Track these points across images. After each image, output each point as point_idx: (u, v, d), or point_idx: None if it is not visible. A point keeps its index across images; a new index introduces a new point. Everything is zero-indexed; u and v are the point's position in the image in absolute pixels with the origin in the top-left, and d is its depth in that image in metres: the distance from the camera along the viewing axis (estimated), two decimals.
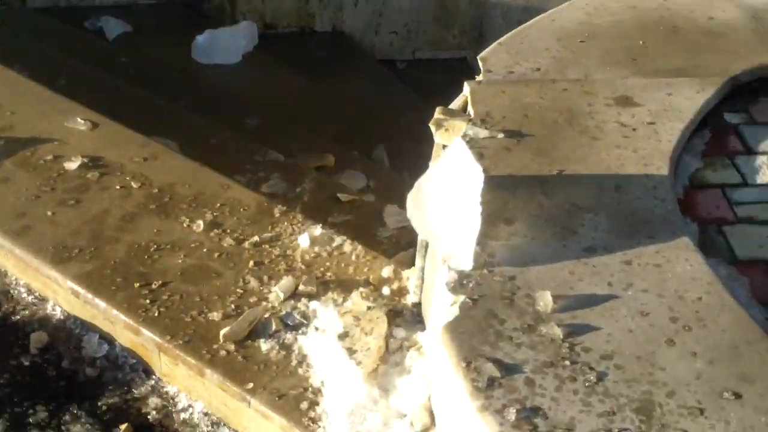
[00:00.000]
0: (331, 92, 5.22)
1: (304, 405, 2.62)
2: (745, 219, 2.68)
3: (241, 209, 3.34)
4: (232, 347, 2.77)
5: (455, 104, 3.17)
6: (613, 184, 2.70)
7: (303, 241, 3.17)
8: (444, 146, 2.92)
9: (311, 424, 2.57)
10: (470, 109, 3.03)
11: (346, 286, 2.99)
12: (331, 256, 3.13)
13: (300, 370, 2.72)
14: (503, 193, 2.67)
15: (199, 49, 5.45)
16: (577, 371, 2.17)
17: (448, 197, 2.56)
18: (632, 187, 2.69)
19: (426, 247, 2.76)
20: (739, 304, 2.36)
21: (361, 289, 2.98)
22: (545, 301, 2.32)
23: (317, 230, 3.21)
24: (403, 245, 3.43)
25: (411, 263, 3.33)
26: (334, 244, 3.17)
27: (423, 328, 2.80)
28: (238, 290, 2.97)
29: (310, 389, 2.67)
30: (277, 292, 2.94)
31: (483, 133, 2.86)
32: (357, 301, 2.90)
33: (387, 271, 3.05)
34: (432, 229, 2.56)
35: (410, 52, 5.98)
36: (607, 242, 2.51)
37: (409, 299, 2.92)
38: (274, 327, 2.83)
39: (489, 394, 2.11)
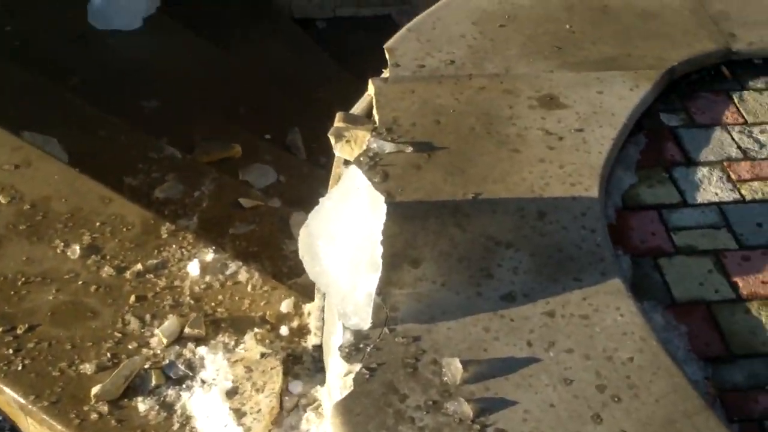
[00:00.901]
0: (242, 62, 4.76)
1: None
2: (685, 249, 2.36)
3: (124, 229, 2.94)
4: (105, 408, 2.41)
5: (359, 107, 2.78)
6: (536, 210, 2.36)
7: (192, 269, 2.79)
8: (345, 161, 2.53)
9: None
10: (375, 114, 2.64)
11: (239, 326, 2.63)
12: (224, 287, 2.76)
13: None
14: (411, 225, 2.31)
15: (95, 12, 4.93)
16: None
17: (343, 235, 2.18)
18: (558, 214, 2.35)
19: None
20: (676, 363, 2.05)
21: (257, 329, 2.62)
22: (453, 370, 1.99)
23: (209, 255, 2.82)
24: None
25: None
26: (228, 272, 2.80)
27: (324, 379, 2.46)
28: (116, 334, 2.60)
29: None
30: (159, 336, 2.57)
31: (389, 146, 2.49)
32: (250, 345, 2.54)
33: (286, 306, 2.69)
34: (325, 275, 2.19)
35: (331, 9, 5.51)
36: (528, 287, 2.17)
37: (310, 341, 2.57)
38: (154, 381, 2.47)
39: None
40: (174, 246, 2.87)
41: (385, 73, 2.84)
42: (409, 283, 2.18)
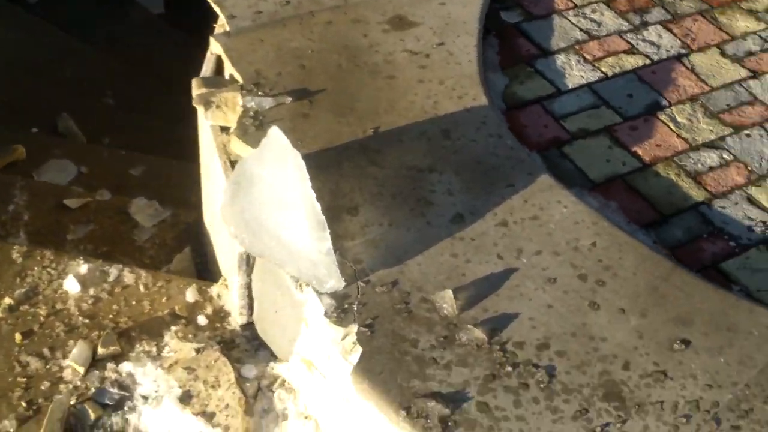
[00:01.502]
0: None
1: None
2: (579, 133, 2.48)
3: None
4: None
5: (207, 69, 2.59)
6: (439, 130, 2.36)
7: (70, 286, 2.49)
8: (223, 128, 2.37)
9: None
10: (231, 71, 2.48)
11: (152, 330, 2.41)
12: (114, 296, 2.50)
13: None
14: (328, 175, 2.23)
15: None
16: (524, 374, 1.87)
17: (277, 201, 2.05)
18: (460, 129, 2.37)
19: (249, 260, 2.25)
20: (629, 235, 2.17)
21: (173, 328, 2.41)
22: (448, 302, 1.97)
23: (82, 267, 2.53)
24: (171, 245, 2.87)
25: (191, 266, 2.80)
26: (111, 278, 2.53)
27: (269, 355, 2.33)
28: (19, 380, 2.27)
29: None
30: (73, 366, 2.29)
31: (267, 101, 2.36)
32: (177, 345, 2.34)
33: (191, 295, 2.50)
34: (267, 245, 2.06)
35: None
36: (470, 205, 2.19)
37: (235, 322, 2.41)
38: (92, 415, 2.20)
39: None
40: (36, 268, 2.54)
41: (219, 29, 2.65)
42: (358, 232, 2.11)
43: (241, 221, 2.09)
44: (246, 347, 2.39)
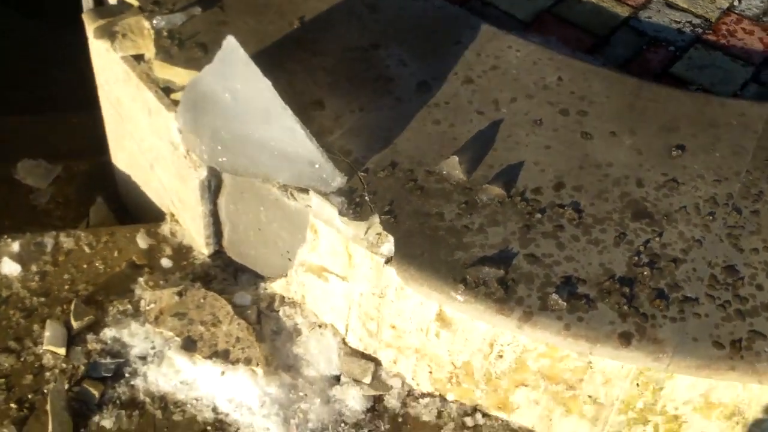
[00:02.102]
0: None
1: None
2: None
3: None
4: None
5: (88, 1, 2.34)
6: (364, 6, 2.28)
7: (8, 268, 2.24)
8: (137, 57, 2.17)
9: None
10: None
11: (119, 289, 2.22)
12: (60, 265, 2.26)
13: (182, 419, 2.02)
14: (275, 75, 2.08)
15: None
16: (554, 217, 1.89)
17: (249, 113, 1.92)
18: (385, 0, 2.27)
19: (211, 186, 2.10)
20: (587, 62, 2.20)
21: (140, 279, 2.23)
22: (455, 166, 1.93)
23: (13, 245, 2.27)
24: (75, 199, 2.65)
25: (106, 213, 2.60)
26: (49, 248, 2.29)
27: (253, 278, 2.21)
28: None
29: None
30: (51, 349, 2.08)
31: (178, 17, 2.19)
32: (153, 296, 2.17)
33: (143, 240, 2.31)
34: (251, 160, 1.94)
35: None
36: (429, 71, 2.15)
37: (201, 254, 2.27)
38: (95, 393, 2.02)
39: (514, 297, 1.75)
40: None
41: None
42: (333, 125, 2.02)
43: (213, 142, 1.93)
44: (224, 276, 2.25)
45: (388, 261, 1.83)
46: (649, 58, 2.23)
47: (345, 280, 1.96)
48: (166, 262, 2.26)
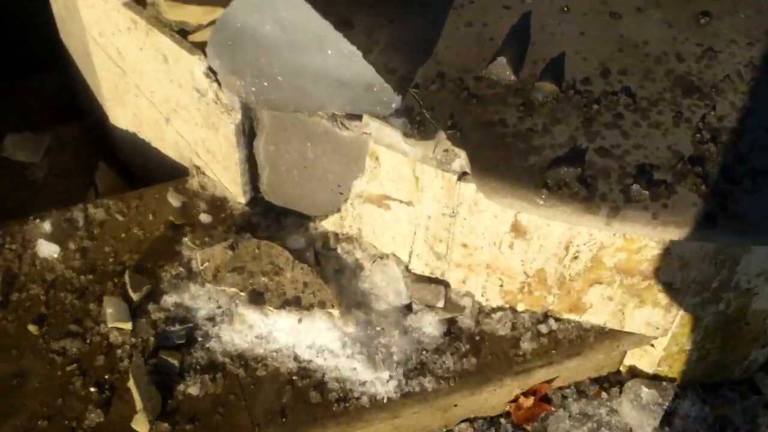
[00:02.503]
0: None
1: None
2: None
3: None
4: (165, 427, 1.89)
5: None
6: None
7: (46, 249, 2.13)
8: (139, 2, 2.04)
9: None
10: None
11: (164, 255, 2.14)
12: (98, 239, 2.17)
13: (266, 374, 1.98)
14: None
15: None
16: (611, 106, 1.87)
17: (294, 44, 1.83)
18: None
19: (246, 130, 2.02)
20: None
21: (185, 240, 2.15)
22: (505, 69, 1.89)
23: (44, 225, 2.16)
24: (75, 167, 2.55)
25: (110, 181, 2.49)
26: (81, 223, 2.19)
27: (299, 219, 2.15)
28: (67, 369, 1.96)
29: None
30: (117, 326, 2.01)
31: None
32: (204, 255, 2.09)
33: (174, 199, 2.23)
34: (301, 92, 1.86)
35: None
36: None
37: (239, 202, 2.20)
38: (174, 362, 1.97)
39: (597, 194, 1.74)
40: None
41: None
42: (370, 43, 1.95)
43: (258, 78, 1.85)
44: (267, 223, 2.19)
45: (461, 177, 1.79)
46: None
47: (410, 205, 1.92)
48: (205, 218, 2.19)
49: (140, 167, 2.44)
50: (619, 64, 1.90)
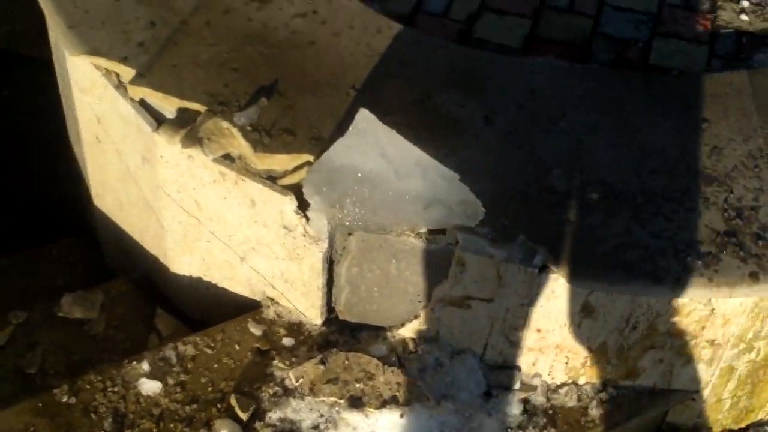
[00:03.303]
0: None
1: None
2: None
3: None
4: None
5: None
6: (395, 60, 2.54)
7: (148, 387, 2.30)
8: (226, 156, 2.31)
9: None
10: (177, 105, 2.38)
11: (258, 376, 2.34)
12: (193, 372, 2.35)
13: None
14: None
15: None
16: (651, 198, 2.24)
17: (389, 173, 2.16)
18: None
19: (330, 258, 2.30)
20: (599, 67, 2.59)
21: (274, 362, 2.37)
22: (560, 179, 2.26)
23: (143, 365, 2.33)
24: (134, 317, 2.72)
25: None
26: (175, 360, 2.37)
27: (371, 333, 2.42)
28: None
29: None
30: None
31: (253, 111, 2.37)
32: (296, 373, 2.31)
33: (255, 328, 2.45)
34: (393, 215, 2.17)
35: None
36: (484, 107, 2.44)
37: (313, 328, 2.44)
38: None
39: (661, 268, 2.13)
40: (97, 396, 2.29)
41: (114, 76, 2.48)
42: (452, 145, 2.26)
43: (356, 210, 2.13)
44: (344, 339, 2.42)
45: (541, 270, 2.11)
46: (629, 57, 2.66)
47: (491, 302, 2.22)
48: (288, 341, 2.41)
49: (201, 308, 2.64)
50: (648, 167, 2.29)
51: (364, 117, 2.10)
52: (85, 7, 2.53)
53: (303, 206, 2.19)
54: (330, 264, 2.30)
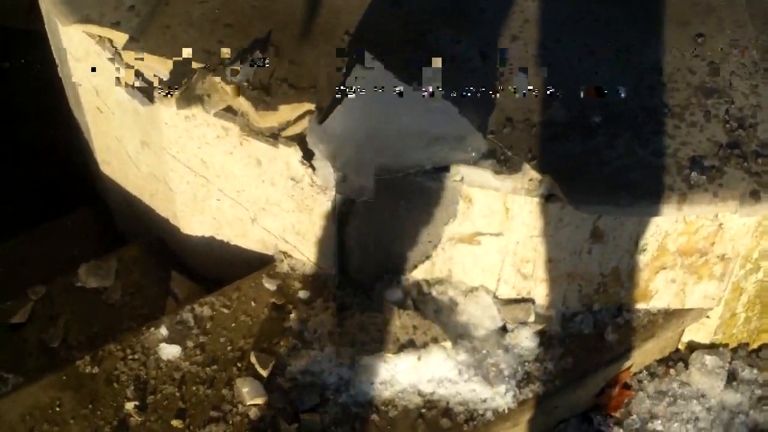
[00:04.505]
0: None
1: None
2: None
3: None
4: None
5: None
6: None
7: (168, 352, 2.33)
8: (228, 109, 2.31)
9: None
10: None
11: (275, 331, 2.36)
12: (212, 332, 2.37)
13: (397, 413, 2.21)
14: None
15: None
16: (652, 116, 2.24)
17: (394, 112, 2.17)
18: None
19: (338, 210, 2.31)
20: None
21: (290, 316, 2.39)
22: (559, 109, 2.25)
23: (161, 330, 2.36)
24: (149, 281, 2.74)
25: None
26: (192, 322, 2.39)
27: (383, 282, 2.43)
28: None
29: None
30: (255, 403, 2.22)
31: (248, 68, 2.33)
32: (315, 323, 2.33)
33: (269, 283, 2.46)
34: (400, 154, 2.17)
35: None
36: (480, 42, 2.43)
37: (331, 276, 2.45)
38: (317, 420, 2.18)
39: (666, 186, 2.12)
40: (118, 365, 2.32)
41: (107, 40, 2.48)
42: None
43: (360, 155, 2.14)
44: (359, 300, 2.42)
45: (548, 199, 2.12)
46: None
47: (500, 236, 2.23)
48: (303, 294, 2.42)
49: (215, 267, 2.66)
50: (646, 84, 2.28)
51: (363, 59, 2.09)
52: None
53: (308, 156, 2.19)
54: (340, 222, 2.30)
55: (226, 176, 2.37)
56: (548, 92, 2.22)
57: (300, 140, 2.21)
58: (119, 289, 2.71)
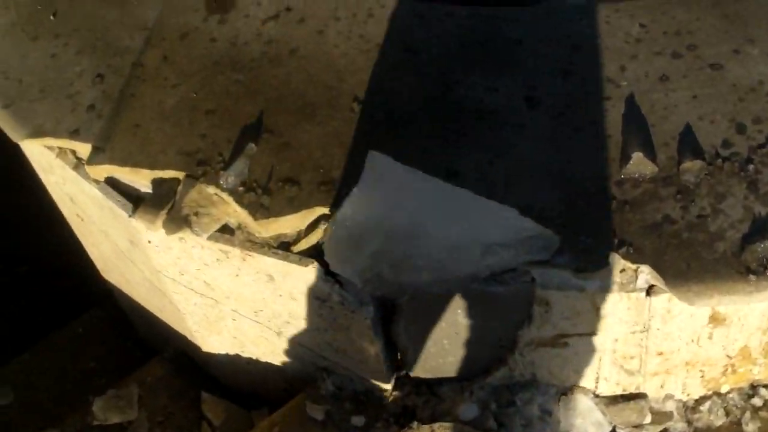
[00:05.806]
0: None
1: None
2: None
3: None
4: None
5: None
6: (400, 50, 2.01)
7: None
8: (221, 229, 1.84)
9: None
10: (150, 176, 1.91)
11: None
12: None
13: None
14: None
15: None
16: (766, 159, 1.72)
17: (425, 226, 1.66)
18: None
19: (380, 319, 1.83)
20: None
21: None
22: (642, 162, 1.74)
23: None
24: (176, 407, 2.33)
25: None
26: None
27: (454, 387, 1.97)
28: None
29: None
30: None
31: (241, 164, 1.88)
32: None
33: (314, 411, 2.02)
34: (441, 265, 1.68)
35: None
36: (518, 87, 1.91)
37: (385, 390, 2.00)
38: None
39: None
40: None
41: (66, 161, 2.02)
42: (486, 185, 1.76)
43: (395, 269, 1.66)
44: (424, 399, 2.00)
45: (649, 291, 1.62)
46: None
47: (592, 335, 1.74)
48: (357, 420, 1.98)
49: (246, 384, 2.23)
50: (749, 114, 1.75)
51: (376, 160, 1.60)
52: (18, 76, 2.06)
53: (332, 270, 1.72)
54: (385, 325, 1.83)
55: (237, 298, 1.92)
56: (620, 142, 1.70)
57: (317, 253, 1.73)
58: (145, 422, 2.29)
